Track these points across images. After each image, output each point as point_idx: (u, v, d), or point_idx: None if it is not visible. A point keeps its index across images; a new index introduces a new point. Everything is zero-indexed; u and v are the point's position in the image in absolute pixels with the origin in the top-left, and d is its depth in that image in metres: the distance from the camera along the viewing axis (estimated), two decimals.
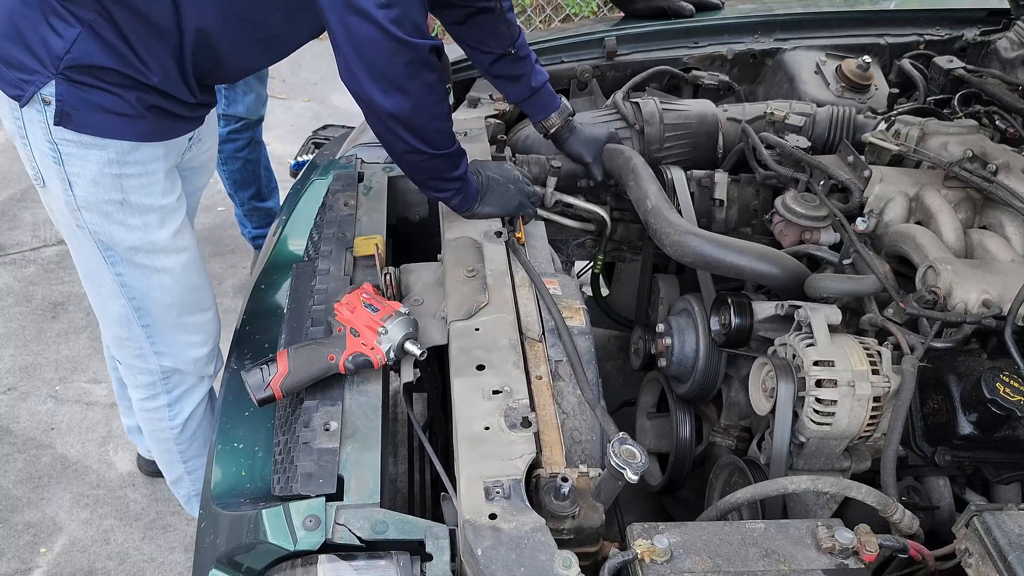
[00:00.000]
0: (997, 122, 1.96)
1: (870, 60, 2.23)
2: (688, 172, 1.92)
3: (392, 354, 1.29)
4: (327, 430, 1.21)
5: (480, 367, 1.28)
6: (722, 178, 1.91)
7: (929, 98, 2.16)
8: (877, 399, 1.34)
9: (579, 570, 0.99)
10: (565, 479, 1.11)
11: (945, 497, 1.44)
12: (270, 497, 1.19)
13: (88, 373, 2.98)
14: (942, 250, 1.51)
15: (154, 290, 1.71)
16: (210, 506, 1.25)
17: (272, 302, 1.65)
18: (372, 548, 1.09)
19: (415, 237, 1.84)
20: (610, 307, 2.26)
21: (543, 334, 1.40)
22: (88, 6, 1.39)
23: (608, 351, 2.46)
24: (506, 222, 1.62)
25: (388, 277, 1.48)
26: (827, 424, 1.34)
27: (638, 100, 2.01)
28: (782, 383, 1.38)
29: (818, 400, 1.34)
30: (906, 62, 2.29)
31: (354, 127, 2.25)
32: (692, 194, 1.88)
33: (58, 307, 3.26)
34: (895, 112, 2.02)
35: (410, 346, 1.30)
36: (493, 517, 1.06)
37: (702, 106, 2.04)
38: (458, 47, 1.85)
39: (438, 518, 1.19)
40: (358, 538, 1.08)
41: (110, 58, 1.43)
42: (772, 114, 1.99)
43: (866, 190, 1.68)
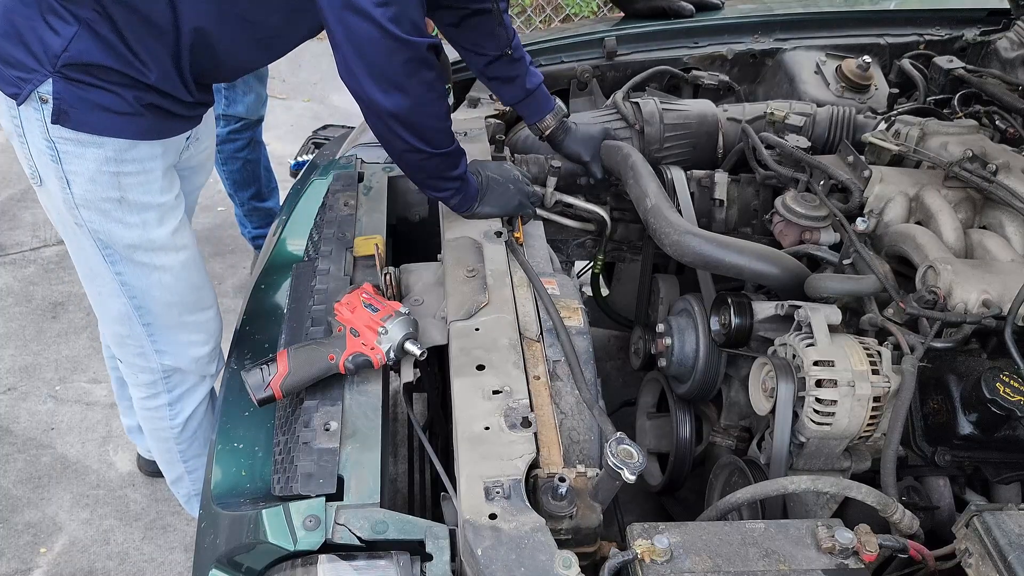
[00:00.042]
0: (997, 122, 1.96)
1: (870, 60, 2.23)
2: (688, 172, 1.92)
3: (392, 354, 1.29)
4: (327, 430, 1.21)
5: (480, 367, 1.28)
6: (722, 178, 1.91)
7: (929, 98, 2.16)
8: (877, 399, 1.34)
9: (579, 570, 0.99)
10: (562, 479, 1.11)
11: (945, 497, 1.44)
12: (270, 497, 1.19)
13: (88, 373, 2.98)
14: (942, 250, 1.51)
15: (154, 288, 1.71)
16: (210, 506, 1.25)
17: (272, 302, 1.65)
18: (372, 548, 1.09)
19: (415, 237, 1.84)
20: (610, 307, 2.26)
21: (541, 334, 1.40)
22: (86, 5, 1.39)
23: (608, 351, 2.46)
24: (505, 222, 1.62)
25: (388, 277, 1.48)
26: (827, 424, 1.34)
27: (638, 100, 2.01)
28: (782, 383, 1.38)
29: (818, 400, 1.34)
30: (906, 62, 2.30)
31: (354, 127, 2.25)
32: (692, 194, 1.88)
33: (58, 307, 3.26)
34: (895, 112, 2.02)
35: (410, 346, 1.30)
36: (493, 517, 1.06)
37: (702, 106, 2.04)
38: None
39: (438, 518, 1.19)
40: (358, 538, 1.08)
41: (107, 56, 1.43)
42: (772, 114, 1.99)
43: (866, 190, 1.68)
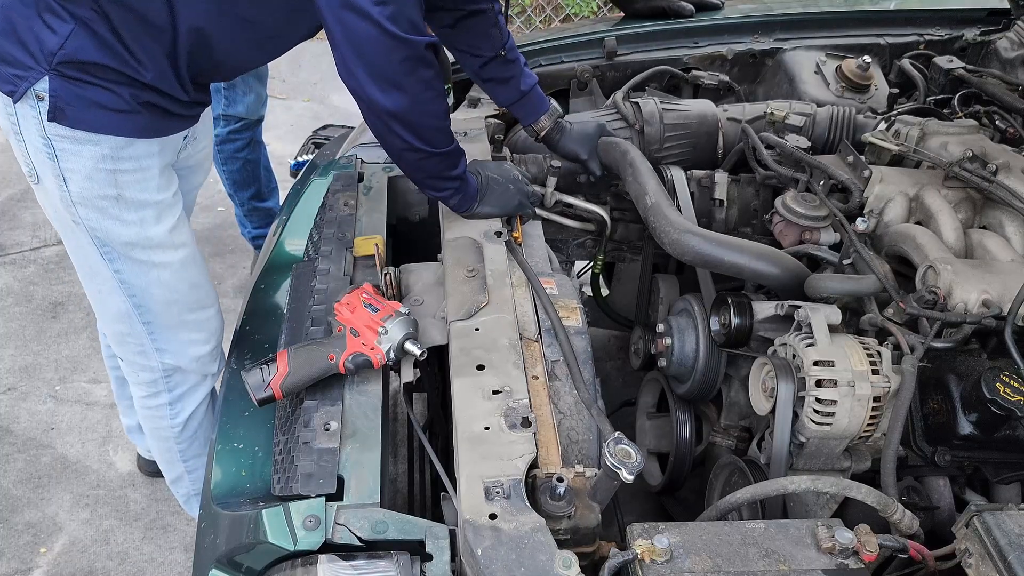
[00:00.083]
0: (997, 122, 1.96)
1: (870, 60, 2.23)
2: (688, 172, 1.92)
3: (392, 354, 1.29)
4: (327, 430, 1.21)
5: (480, 367, 1.28)
6: (722, 178, 1.91)
7: (929, 98, 2.16)
8: (877, 399, 1.34)
9: (579, 570, 0.99)
10: (561, 479, 1.11)
11: (945, 497, 1.44)
12: (270, 497, 1.19)
13: (88, 373, 2.99)
14: (942, 250, 1.51)
15: (153, 286, 1.70)
16: (210, 506, 1.25)
17: (272, 302, 1.65)
18: (372, 548, 1.09)
19: (415, 237, 1.84)
20: (610, 307, 2.26)
21: (539, 334, 1.40)
22: (83, 3, 1.39)
23: (608, 351, 2.46)
24: (504, 222, 1.61)
25: (388, 277, 1.48)
26: (827, 424, 1.34)
27: (638, 100, 2.01)
28: (782, 383, 1.38)
29: (818, 400, 1.34)
30: (906, 62, 2.30)
31: (354, 127, 2.25)
32: (692, 194, 1.88)
33: (58, 307, 3.26)
34: (895, 112, 2.02)
35: (410, 346, 1.30)
36: (493, 517, 1.06)
37: (702, 106, 2.04)
38: None
39: (438, 518, 1.19)
40: (358, 538, 1.08)
41: (103, 54, 1.43)
42: (772, 114, 1.99)
43: (866, 190, 1.68)
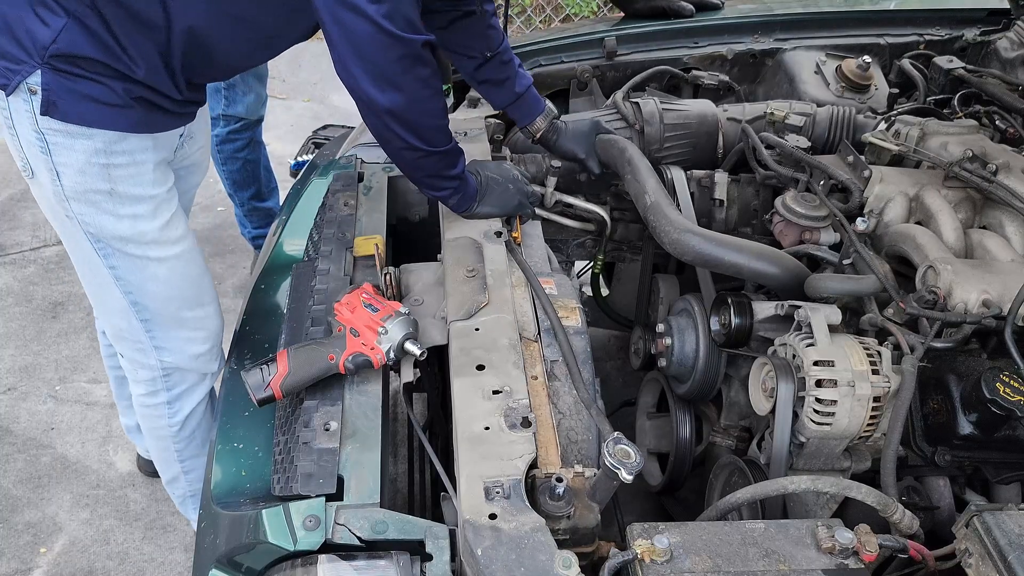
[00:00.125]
0: (997, 122, 1.96)
1: (870, 60, 2.23)
2: (688, 172, 1.92)
3: (392, 354, 1.29)
4: (327, 430, 1.21)
5: (480, 367, 1.28)
6: (722, 178, 1.91)
7: (929, 98, 2.16)
8: (877, 399, 1.34)
9: (579, 570, 0.99)
10: (560, 479, 1.11)
11: (945, 497, 1.44)
12: (270, 497, 1.19)
13: (88, 373, 2.98)
14: (942, 250, 1.51)
15: (149, 283, 1.70)
16: (210, 506, 1.25)
17: (272, 302, 1.65)
18: (372, 548, 1.09)
19: (415, 237, 1.84)
20: (610, 307, 2.26)
21: (539, 334, 1.40)
22: None
23: (608, 351, 2.46)
24: (504, 222, 1.61)
25: (388, 277, 1.48)
26: (827, 424, 1.34)
27: (638, 100, 2.01)
28: (782, 383, 1.38)
29: (818, 400, 1.34)
30: (906, 62, 2.30)
31: (354, 127, 2.25)
32: (692, 194, 1.88)
33: (58, 307, 3.26)
34: (895, 112, 2.02)
35: (410, 346, 1.30)
36: (493, 517, 1.06)
37: (702, 106, 2.04)
38: None
39: (438, 518, 1.19)
40: (358, 538, 1.08)
41: (96, 49, 1.43)
42: (772, 114, 1.99)
43: (866, 190, 1.68)
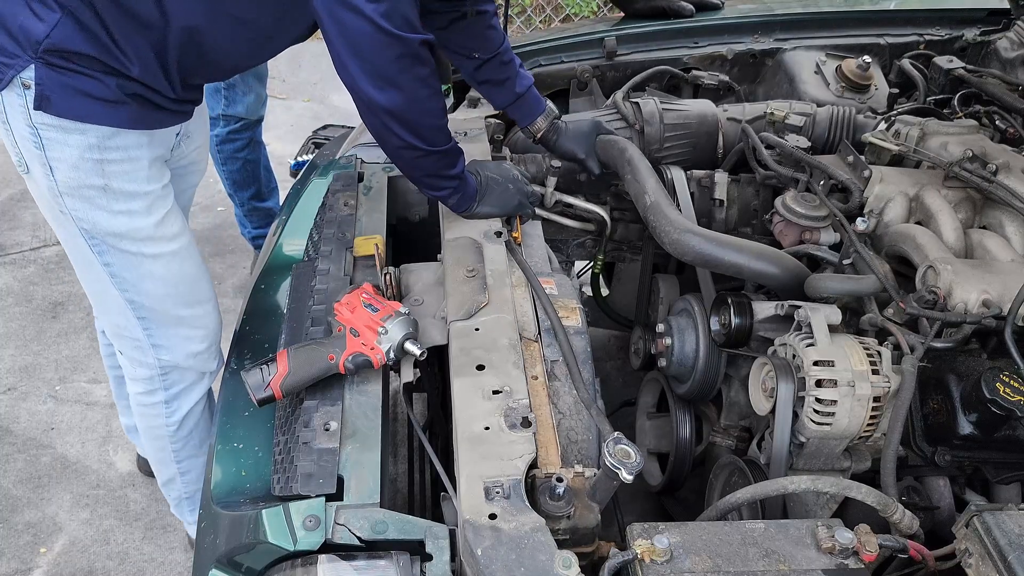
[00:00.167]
0: (997, 122, 1.96)
1: (870, 60, 2.23)
2: (688, 172, 1.92)
3: (392, 354, 1.29)
4: (327, 430, 1.21)
5: (480, 367, 1.28)
6: (722, 178, 1.91)
7: (929, 98, 2.16)
8: (877, 399, 1.34)
9: (579, 570, 0.99)
10: (560, 479, 1.11)
11: (945, 497, 1.44)
12: (270, 497, 1.19)
13: (88, 373, 2.98)
14: (942, 250, 1.51)
15: (145, 280, 1.69)
16: (210, 506, 1.25)
17: (272, 302, 1.65)
18: (372, 548, 1.09)
19: (415, 237, 1.84)
20: (610, 307, 2.26)
21: (539, 334, 1.40)
22: None
23: (608, 351, 2.46)
24: (504, 222, 1.61)
25: (388, 277, 1.48)
26: (827, 424, 1.34)
27: (638, 100, 2.01)
28: (782, 383, 1.38)
29: (818, 400, 1.34)
30: (906, 62, 2.30)
31: (354, 127, 2.25)
32: (692, 194, 1.88)
33: (58, 307, 3.26)
34: (895, 112, 2.02)
35: (410, 346, 1.30)
36: (493, 517, 1.06)
37: (702, 106, 2.04)
38: None
39: (438, 518, 1.19)
40: (358, 538, 1.08)
41: (90, 45, 1.42)
42: (772, 114, 1.99)
43: (866, 190, 1.68)
